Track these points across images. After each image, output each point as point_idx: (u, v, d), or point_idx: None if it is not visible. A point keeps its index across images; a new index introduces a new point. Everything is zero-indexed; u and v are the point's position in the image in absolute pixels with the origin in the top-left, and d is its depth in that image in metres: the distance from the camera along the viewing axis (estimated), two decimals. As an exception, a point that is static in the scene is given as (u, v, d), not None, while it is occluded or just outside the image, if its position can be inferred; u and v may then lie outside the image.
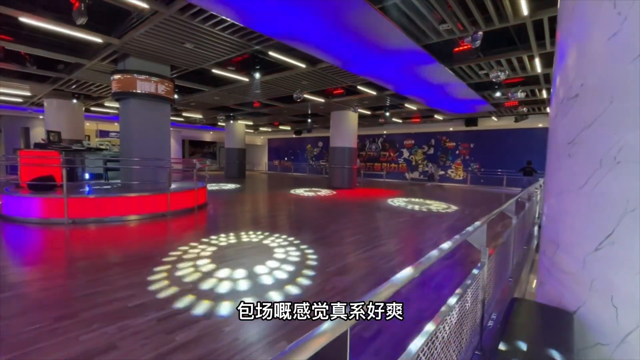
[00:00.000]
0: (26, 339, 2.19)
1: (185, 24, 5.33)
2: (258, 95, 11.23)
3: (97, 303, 2.73)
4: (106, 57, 7.14)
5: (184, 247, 4.40)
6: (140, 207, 6.38)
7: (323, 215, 7.28)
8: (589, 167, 1.54)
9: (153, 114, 7.28)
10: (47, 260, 3.91)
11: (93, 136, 20.43)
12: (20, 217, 5.79)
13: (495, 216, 2.26)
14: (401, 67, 6.99)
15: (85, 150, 8.00)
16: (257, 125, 21.47)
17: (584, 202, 1.59)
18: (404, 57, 6.32)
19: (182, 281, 3.23)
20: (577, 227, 1.64)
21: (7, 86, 10.73)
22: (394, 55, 6.18)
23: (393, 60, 6.53)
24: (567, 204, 1.70)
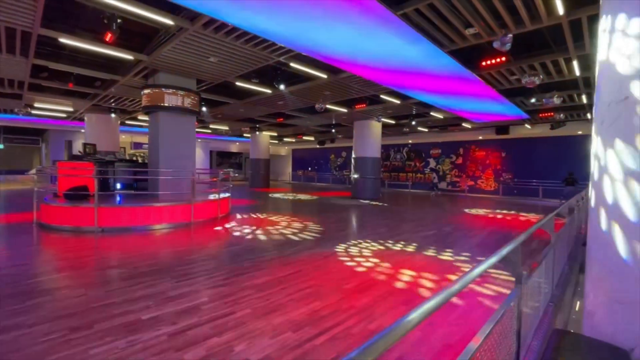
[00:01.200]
0: (40, 350, 2.20)
1: (209, 38, 5.48)
2: (281, 107, 11.35)
3: (113, 314, 2.72)
4: (138, 73, 7.51)
5: (203, 259, 4.39)
6: (166, 216, 6.52)
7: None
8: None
9: (179, 126, 7.52)
10: (73, 268, 4.03)
11: (128, 148, 21.61)
12: (56, 225, 6.10)
13: (531, 232, 2.00)
14: (425, 75, 6.78)
15: (117, 161, 8.39)
16: (281, 136, 21.76)
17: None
18: (428, 65, 6.12)
19: (200, 293, 3.18)
20: (635, 249, 1.39)
21: (52, 102, 11.62)
22: (417, 63, 6.00)
23: (417, 68, 6.34)
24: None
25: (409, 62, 5.95)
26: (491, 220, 8.72)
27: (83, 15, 5.45)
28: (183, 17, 4.90)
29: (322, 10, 4.06)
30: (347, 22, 4.38)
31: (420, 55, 5.63)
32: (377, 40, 4.99)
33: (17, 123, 17.01)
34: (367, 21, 4.35)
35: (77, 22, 5.65)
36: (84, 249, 4.92)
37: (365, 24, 4.44)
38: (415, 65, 6.16)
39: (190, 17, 4.87)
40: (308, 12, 4.13)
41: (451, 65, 6.10)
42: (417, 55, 5.63)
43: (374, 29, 4.57)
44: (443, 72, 6.53)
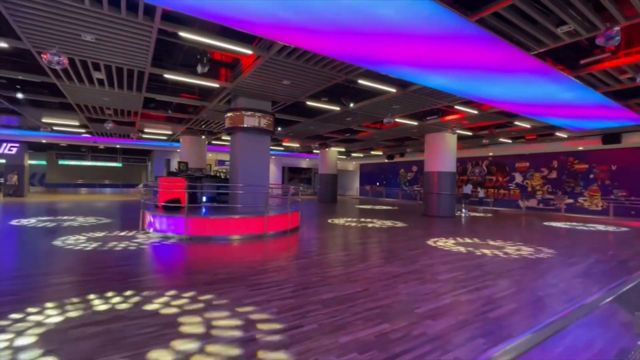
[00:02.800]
0: (137, 341, 2.53)
1: (282, 63, 5.90)
2: (350, 123, 11.51)
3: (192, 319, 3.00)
4: (222, 99, 8.48)
5: (272, 271, 4.59)
6: (242, 228, 7.06)
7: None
8: None
9: (256, 144, 8.18)
10: (166, 271, 4.61)
11: (213, 165, 24.26)
12: (155, 232, 7.10)
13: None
14: (508, 81, 6.16)
15: (204, 177, 9.47)
16: (349, 152, 21.96)
17: None
18: (512, 70, 5.56)
19: (271, 303, 3.32)
20: None
21: (156, 127, 13.79)
22: (498, 69, 5.50)
23: (498, 75, 5.81)
24: None
25: (486, 69, 5.49)
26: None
27: (181, 54, 6.41)
28: (260, 47, 5.40)
29: (385, 25, 4.05)
30: (412, 31, 4.28)
31: (501, 60, 5.15)
32: (452, 48, 4.74)
33: (131, 146, 20.64)
34: (438, 27, 4.18)
35: (176, 59, 6.68)
36: (173, 255, 5.59)
37: (436, 30, 4.27)
38: (493, 71, 5.66)
39: (266, 46, 5.34)
40: (374, 30, 4.16)
41: (539, 69, 5.44)
42: (496, 60, 5.17)
43: (449, 35, 4.37)
44: (528, 76, 5.85)
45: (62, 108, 10.61)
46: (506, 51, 4.79)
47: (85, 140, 18.49)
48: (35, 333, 2.62)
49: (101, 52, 5.54)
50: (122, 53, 5.57)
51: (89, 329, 2.71)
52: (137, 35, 4.87)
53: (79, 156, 24.64)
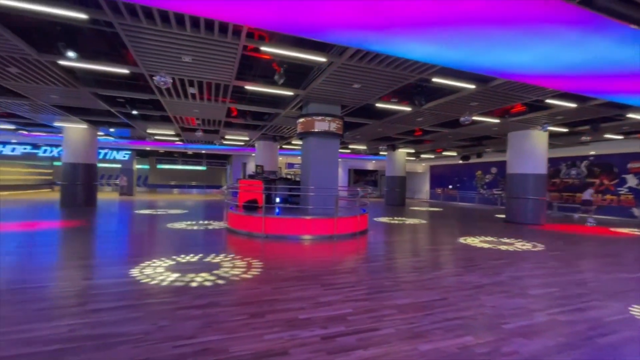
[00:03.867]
0: (231, 326, 2.84)
1: (354, 67, 5.98)
2: (421, 123, 11.06)
3: (278, 309, 3.24)
4: (295, 106, 8.93)
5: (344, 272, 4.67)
6: (313, 228, 7.34)
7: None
8: None
9: (326, 148, 8.41)
10: (249, 265, 5.04)
11: (283, 168, 25.62)
12: (237, 230, 7.82)
13: None
14: (618, 63, 5.22)
15: (278, 180, 10.08)
16: (418, 153, 21.03)
17: None
18: (621, 52, 4.70)
19: (345, 303, 3.40)
20: None
21: (236, 134, 15.14)
22: (604, 52, 4.71)
23: (604, 60, 4.97)
24: None
25: (591, 54, 4.74)
26: None
27: (259, 66, 6.96)
28: (333, 54, 5.57)
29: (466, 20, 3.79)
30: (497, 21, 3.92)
31: (609, 44, 4.40)
32: (545, 34, 4.23)
33: (213, 151, 23.02)
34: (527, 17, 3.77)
35: (255, 71, 7.27)
36: (254, 251, 6.08)
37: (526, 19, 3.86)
38: (600, 57, 4.85)
39: (339, 52, 5.48)
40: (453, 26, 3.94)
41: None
42: (603, 45, 4.43)
43: (540, 23, 3.91)
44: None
45: (162, 120, 12.40)
46: (615, 31, 4.08)
47: (177, 147, 21.24)
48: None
49: (196, 70, 6.35)
50: (212, 70, 6.30)
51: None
52: (225, 53, 5.45)
53: (172, 161, 28.38)
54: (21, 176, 22.42)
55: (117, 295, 3.51)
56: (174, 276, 4.20)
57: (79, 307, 3.18)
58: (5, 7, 4.19)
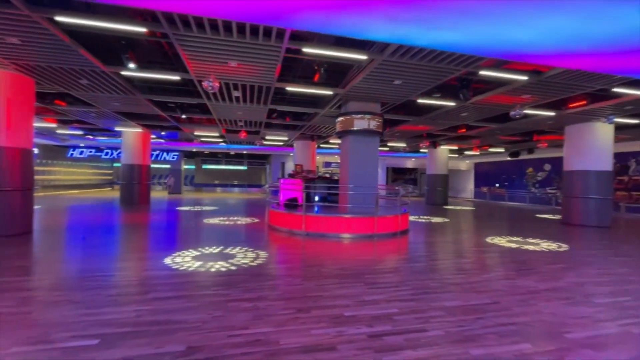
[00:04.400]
0: (279, 320, 2.94)
1: (395, 64, 5.86)
2: (465, 118, 10.54)
3: (323, 305, 3.30)
4: (334, 105, 8.97)
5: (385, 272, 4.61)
6: (352, 227, 7.33)
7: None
8: None
9: (365, 146, 8.35)
10: (291, 262, 5.19)
11: (320, 167, 25.82)
12: (278, 227, 8.06)
13: None
14: None
15: (317, 179, 10.20)
16: (461, 150, 20.05)
17: None
18: None
19: (391, 303, 3.37)
20: None
21: (275, 135, 15.55)
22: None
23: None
24: None
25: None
26: None
27: (299, 67, 7.08)
28: (373, 51, 5.51)
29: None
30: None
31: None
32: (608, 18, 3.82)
33: (254, 151, 23.86)
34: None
35: (295, 72, 7.42)
36: (296, 248, 6.22)
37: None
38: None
39: (379, 49, 5.41)
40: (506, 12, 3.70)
41: None
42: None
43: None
44: None
45: (208, 123, 13.12)
46: None
47: (221, 147, 22.32)
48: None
49: (240, 74, 6.64)
50: (256, 73, 6.54)
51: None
52: (269, 56, 5.64)
53: (216, 161, 29.88)
54: (87, 176, 25.00)
55: (173, 286, 3.80)
56: (223, 269, 4.45)
57: (142, 295, 3.49)
58: (79, 26, 4.71)
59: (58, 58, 5.88)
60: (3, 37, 5.07)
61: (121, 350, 2.37)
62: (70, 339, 2.52)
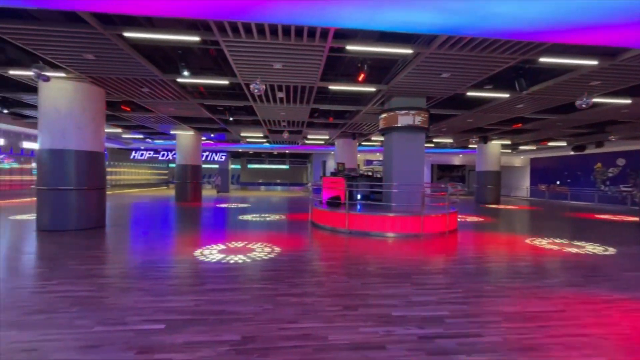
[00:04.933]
0: (327, 316, 2.98)
1: (442, 56, 5.61)
2: (521, 110, 9.75)
3: (370, 304, 3.28)
4: (376, 102, 8.83)
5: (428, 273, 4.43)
6: (397, 226, 7.16)
7: (633, 265, 5.00)
8: None
9: (410, 143, 8.11)
10: (335, 259, 5.22)
11: (361, 165, 25.57)
12: (321, 225, 8.15)
13: None
14: None
15: (359, 177, 10.12)
16: (516, 144, 18.57)
17: None
18: None
19: (441, 305, 3.25)
20: None
21: (317, 134, 15.70)
22: None
23: None
24: None
25: None
26: None
27: (342, 65, 7.08)
28: (420, 44, 5.32)
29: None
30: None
31: None
32: None
33: (296, 151, 24.36)
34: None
35: (337, 70, 7.42)
36: (339, 245, 6.24)
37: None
38: None
39: (426, 41, 5.21)
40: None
41: None
42: None
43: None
44: None
45: (253, 124, 13.66)
46: None
47: (265, 147, 23.12)
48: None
49: (285, 76, 6.81)
50: (299, 73, 6.67)
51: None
52: (312, 56, 5.71)
53: (260, 161, 31.04)
54: (147, 176, 27.41)
55: (226, 278, 4.03)
56: (269, 264, 4.62)
57: (199, 286, 3.75)
58: (142, 39, 5.18)
59: (124, 69, 6.52)
60: (81, 54, 5.75)
61: (184, 335, 2.58)
62: (141, 322, 2.80)
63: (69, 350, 2.35)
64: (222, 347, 2.42)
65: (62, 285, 3.72)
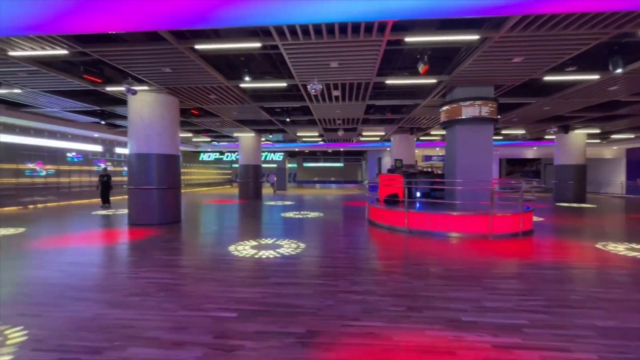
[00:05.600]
0: (390, 316, 2.92)
1: (514, 39, 5.07)
2: (614, 94, 8.38)
3: (435, 306, 3.12)
4: (437, 94, 8.35)
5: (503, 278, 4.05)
6: (462, 226, 6.70)
7: None
8: None
9: (476, 136, 7.51)
10: (396, 258, 5.08)
11: (419, 161, 24.48)
12: (378, 223, 8.00)
13: None
14: None
15: (418, 173, 9.70)
16: (606, 133, 16.03)
17: None
18: None
19: (518, 313, 2.97)
20: None
21: (372, 130, 15.44)
22: None
23: None
24: None
25: None
26: None
27: (399, 58, 6.84)
28: (487, 28, 4.88)
29: None
30: None
31: None
32: None
33: (350, 148, 24.26)
34: None
35: (395, 64, 7.19)
36: (399, 244, 6.06)
37: None
38: None
39: (494, 24, 4.77)
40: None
41: None
42: None
43: None
44: None
45: (308, 123, 13.97)
46: None
47: (320, 146, 23.48)
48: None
49: (341, 74, 6.83)
50: (355, 70, 6.62)
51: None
52: (369, 51, 5.62)
53: (315, 159, 31.65)
54: (213, 176, 29.85)
55: (288, 273, 4.19)
56: (328, 260, 4.69)
57: (265, 279, 3.96)
58: (210, 50, 5.63)
59: (195, 78, 7.16)
60: (160, 68, 6.47)
61: (254, 325, 2.75)
62: (216, 309, 3.06)
63: (159, 329, 2.67)
64: (289, 338, 2.52)
65: (150, 272, 4.24)
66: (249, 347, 2.40)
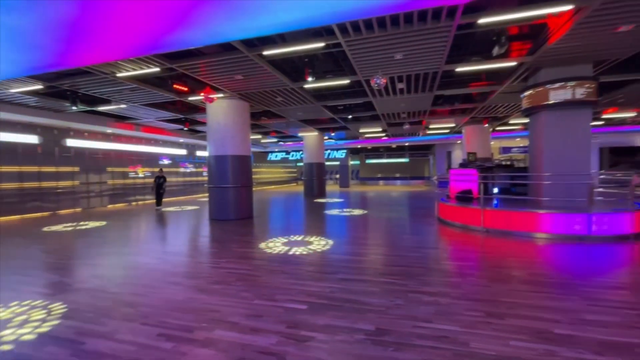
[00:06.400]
0: (465, 321, 2.72)
1: (621, 2, 4.24)
2: None
3: (521, 314, 2.81)
4: (517, 78, 7.46)
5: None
6: (550, 225, 5.89)
7: None
8: None
9: (568, 123, 6.52)
10: (471, 260, 4.70)
11: (496, 153, 22.21)
12: (449, 221, 7.50)
13: None
14: None
15: (495, 167, 8.82)
16: None
17: None
18: None
19: (632, 330, 2.51)
20: None
21: (441, 122, 14.51)
22: None
23: None
24: None
25: None
26: None
27: (471, 42, 6.27)
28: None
29: None
30: None
31: None
32: None
33: (416, 142, 23.16)
34: None
35: (465, 50, 6.62)
36: (475, 245, 5.59)
37: None
38: None
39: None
40: None
41: None
42: None
43: None
44: None
45: (371, 119, 13.74)
46: None
47: (383, 142, 22.93)
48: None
49: (406, 65, 6.56)
50: (422, 60, 6.29)
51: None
52: (437, 38, 5.28)
53: (378, 155, 30.97)
54: (279, 174, 31.39)
55: (355, 269, 4.20)
56: (396, 259, 4.55)
57: (332, 275, 4.03)
58: (276, 55, 5.92)
59: (263, 83, 7.61)
60: (232, 76, 7.03)
61: (324, 318, 2.82)
62: (288, 301, 3.22)
63: (239, 315, 2.92)
64: (358, 334, 2.53)
65: (229, 263, 4.66)
66: (320, 339, 2.48)
